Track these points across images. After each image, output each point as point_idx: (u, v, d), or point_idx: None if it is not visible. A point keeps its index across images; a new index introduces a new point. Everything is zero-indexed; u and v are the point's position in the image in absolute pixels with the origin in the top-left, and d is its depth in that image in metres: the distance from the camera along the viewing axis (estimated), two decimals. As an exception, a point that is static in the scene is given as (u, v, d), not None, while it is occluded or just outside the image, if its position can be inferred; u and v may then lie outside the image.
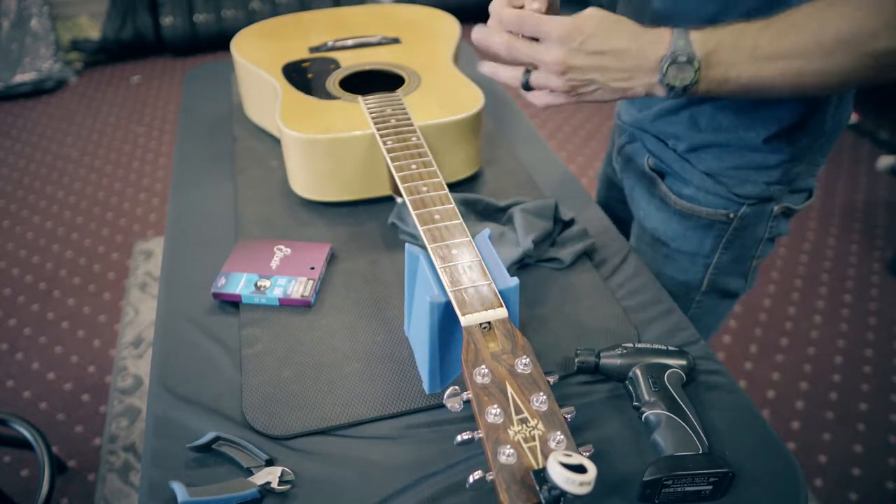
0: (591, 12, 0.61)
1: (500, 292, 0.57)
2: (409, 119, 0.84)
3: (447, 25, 1.15)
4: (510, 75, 0.67)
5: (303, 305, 0.76)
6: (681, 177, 0.84)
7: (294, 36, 1.12)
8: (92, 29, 3.41)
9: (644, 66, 0.60)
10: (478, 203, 0.87)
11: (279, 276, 0.78)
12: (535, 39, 0.63)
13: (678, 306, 0.78)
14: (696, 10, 0.71)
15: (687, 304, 0.93)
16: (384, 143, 0.79)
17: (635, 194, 0.93)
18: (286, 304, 0.76)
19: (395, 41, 1.10)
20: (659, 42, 0.59)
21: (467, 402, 0.49)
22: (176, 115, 2.83)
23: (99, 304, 1.96)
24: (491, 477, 0.43)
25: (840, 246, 2.17)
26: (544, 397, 0.47)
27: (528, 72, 0.66)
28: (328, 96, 0.94)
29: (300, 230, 0.89)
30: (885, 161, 2.55)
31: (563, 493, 0.40)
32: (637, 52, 0.60)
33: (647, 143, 0.88)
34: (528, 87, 0.67)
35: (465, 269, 0.59)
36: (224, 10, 3.33)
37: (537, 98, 0.67)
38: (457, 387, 0.50)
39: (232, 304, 0.77)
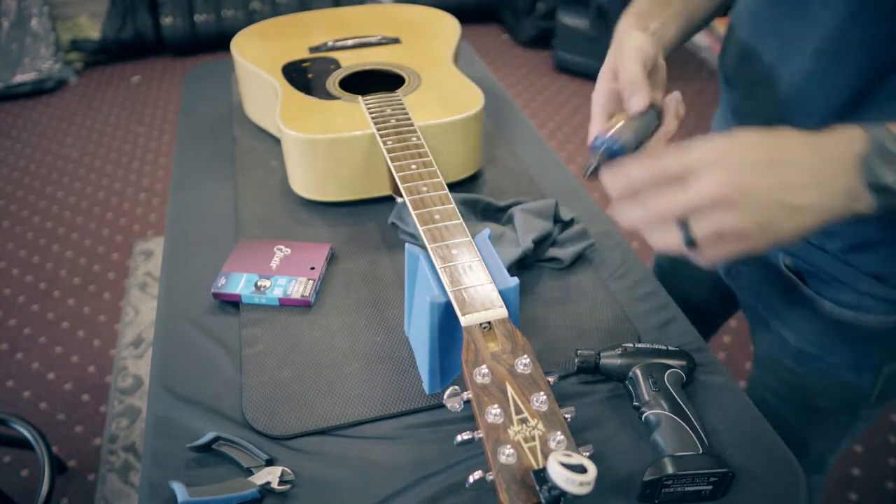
0: (737, 132, 0.47)
1: (500, 292, 0.57)
2: (409, 119, 0.84)
3: (447, 25, 1.15)
4: (669, 241, 0.48)
5: (303, 305, 0.76)
6: (836, 280, 0.68)
7: (294, 36, 1.12)
8: (92, 29, 3.41)
9: (837, 166, 0.44)
10: (478, 203, 0.87)
11: (279, 276, 0.78)
12: None
13: (837, 428, 0.72)
14: (836, 90, 0.59)
15: (850, 422, 0.79)
16: (384, 143, 0.79)
17: (763, 290, 0.77)
18: (286, 304, 0.76)
19: (395, 41, 1.10)
20: (847, 138, 0.45)
21: (467, 402, 0.49)
22: (176, 115, 2.83)
23: (99, 304, 1.96)
24: (491, 477, 0.43)
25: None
26: (544, 397, 0.47)
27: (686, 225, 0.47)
28: (328, 96, 0.94)
29: (300, 230, 0.89)
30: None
31: (563, 493, 0.40)
32: (821, 155, 0.45)
33: None
34: (692, 242, 0.47)
35: (465, 269, 0.59)
36: (224, 10, 3.33)
37: (708, 254, 0.48)
38: (457, 387, 0.49)
39: (232, 304, 0.77)
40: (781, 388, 0.79)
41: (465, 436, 0.46)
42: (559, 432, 0.45)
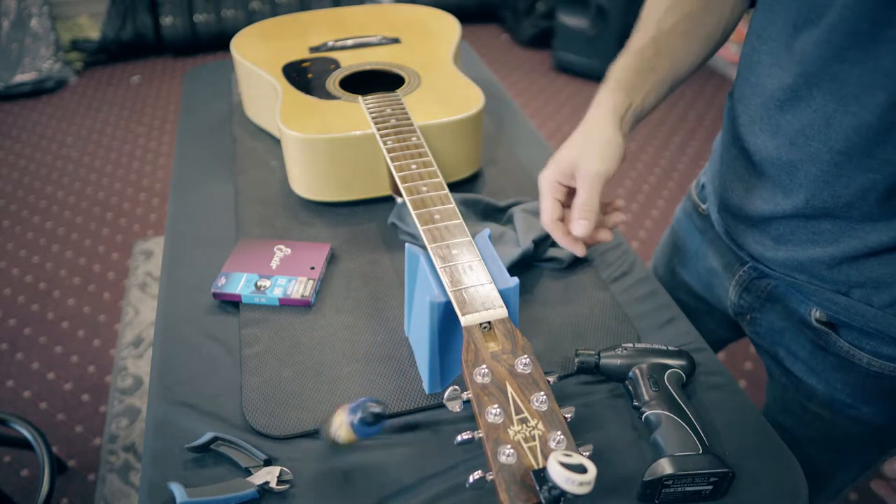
0: None
1: (500, 292, 0.57)
2: (409, 119, 0.84)
3: (447, 25, 1.15)
4: None
5: (303, 305, 0.76)
6: (880, 334, 0.64)
7: (294, 36, 1.12)
8: (92, 29, 3.41)
9: None
10: (478, 203, 0.87)
11: (279, 276, 0.78)
12: None
13: (861, 463, 0.71)
14: None
15: (877, 456, 0.77)
16: (384, 143, 0.79)
17: (786, 339, 0.73)
18: (286, 304, 0.76)
19: (395, 41, 1.10)
20: None
21: (467, 402, 0.49)
22: (176, 115, 2.83)
23: (99, 304, 1.96)
24: (491, 477, 0.43)
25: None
26: (544, 397, 0.47)
27: None
28: (328, 96, 0.94)
29: (300, 230, 0.89)
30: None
31: (563, 493, 0.40)
32: None
33: (810, 293, 0.67)
34: None
35: (465, 268, 0.59)
36: (224, 10, 3.33)
37: None
38: (457, 387, 0.49)
39: (232, 304, 0.77)
40: (805, 429, 0.75)
41: (465, 436, 0.46)
42: (559, 432, 0.45)
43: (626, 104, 0.65)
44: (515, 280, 0.58)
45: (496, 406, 0.46)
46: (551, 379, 0.51)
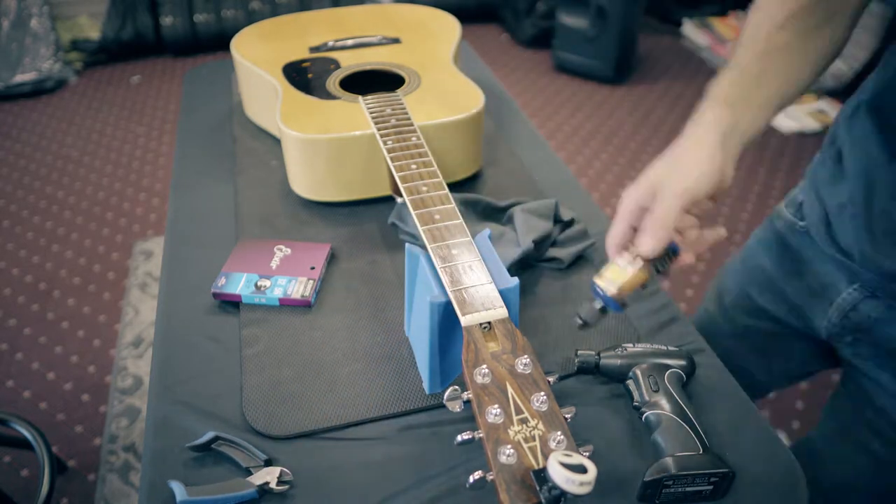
0: None
1: (500, 292, 0.57)
2: (409, 119, 0.84)
3: (447, 25, 1.15)
4: None
5: (303, 305, 0.76)
6: None
7: (294, 36, 1.12)
8: (92, 29, 3.41)
9: None
10: (478, 203, 0.87)
11: (279, 276, 0.78)
12: None
13: None
14: None
15: None
16: (384, 143, 0.79)
17: (882, 378, 0.72)
18: (286, 304, 0.76)
19: (395, 41, 1.10)
20: None
21: (467, 402, 0.49)
22: (176, 115, 2.83)
23: (99, 304, 1.95)
24: (491, 477, 0.43)
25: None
26: (544, 397, 0.47)
27: None
28: (328, 96, 0.94)
29: (300, 230, 0.89)
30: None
31: (564, 493, 0.40)
32: None
33: None
34: None
35: (465, 268, 0.59)
36: (224, 10, 3.33)
37: None
38: (457, 387, 0.49)
39: (232, 304, 0.77)
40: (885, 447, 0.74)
41: (466, 436, 0.46)
42: (559, 432, 0.45)
43: (730, 121, 0.58)
44: (515, 280, 0.58)
45: (496, 406, 0.46)
46: (551, 379, 0.51)
